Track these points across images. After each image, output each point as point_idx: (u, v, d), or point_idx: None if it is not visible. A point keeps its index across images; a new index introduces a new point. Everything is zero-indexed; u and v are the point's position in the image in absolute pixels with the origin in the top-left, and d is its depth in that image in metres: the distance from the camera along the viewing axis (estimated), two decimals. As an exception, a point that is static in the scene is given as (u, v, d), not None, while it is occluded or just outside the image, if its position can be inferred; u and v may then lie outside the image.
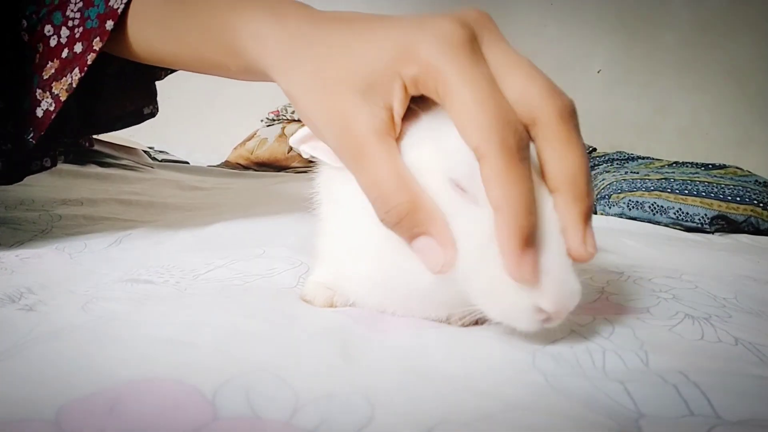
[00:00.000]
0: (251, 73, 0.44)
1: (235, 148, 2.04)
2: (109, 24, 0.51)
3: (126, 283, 0.47)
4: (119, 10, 0.50)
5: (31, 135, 0.56)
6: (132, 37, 0.51)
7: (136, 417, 0.26)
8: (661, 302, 0.48)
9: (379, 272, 0.39)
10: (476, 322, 0.42)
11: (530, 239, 0.31)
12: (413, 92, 0.34)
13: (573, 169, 0.32)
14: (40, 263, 0.53)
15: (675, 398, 0.30)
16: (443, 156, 0.34)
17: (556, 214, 0.34)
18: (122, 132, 1.51)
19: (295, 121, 2.05)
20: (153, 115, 0.72)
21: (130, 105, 0.70)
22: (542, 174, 0.34)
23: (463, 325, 0.41)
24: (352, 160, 0.35)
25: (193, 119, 2.54)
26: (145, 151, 1.69)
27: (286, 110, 2.09)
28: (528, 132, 0.32)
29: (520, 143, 0.31)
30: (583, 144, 0.34)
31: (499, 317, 0.34)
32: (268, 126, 2.09)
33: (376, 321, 0.40)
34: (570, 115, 0.33)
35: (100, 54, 0.53)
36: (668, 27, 2.30)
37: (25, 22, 0.56)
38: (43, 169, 0.65)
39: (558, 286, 0.32)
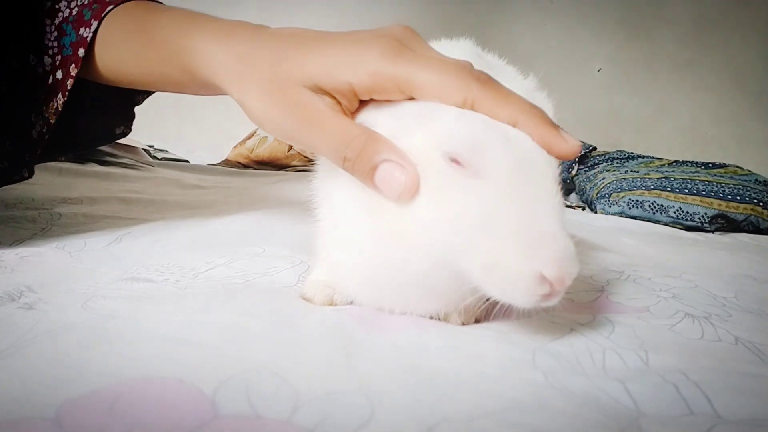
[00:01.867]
0: (208, 88, 0.49)
1: (234, 147, 2.04)
2: (81, 51, 0.56)
3: (126, 282, 0.47)
4: (88, 39, 0.55)
5: (28, 155, 0.62)
6: (101, 62, 0.56)
7: (137, 415, 0.26)
8: (661, 301, 0.48)
9: (374, 264, 0.39)
10: (476, 321, 0.42)
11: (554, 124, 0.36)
12: (364, 97, 0.38)
13: (520, 105, 0.36)
14: (40, 262, 0.53)
15: (675, 397, 0.30)
16: (437, 135, 0.35)
17: (551, 169, 0.35)
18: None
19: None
20: (125, 134, 0.77)
21: (104, 126, 0.74)
22: None
23: (463, 324, 0.41)
24: (308, 128, 0.39)
25: (192, 118, 2.54)
26: (145, 150, 1.69)
27: (286, 109, 2.08)
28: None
29: (484, 73, 0.37)
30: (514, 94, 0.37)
31: (499, 291, 0.34)
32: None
33: (376, 319, 0.40)
34: (488, 79, 0.37)
35: (81, 81, 0.58)
36: (668, 26, 2.30)
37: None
38: (22, 179, 0.68)
39: (557, 253, 0.32)
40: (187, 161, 1.91)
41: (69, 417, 0.25)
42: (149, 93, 0.70)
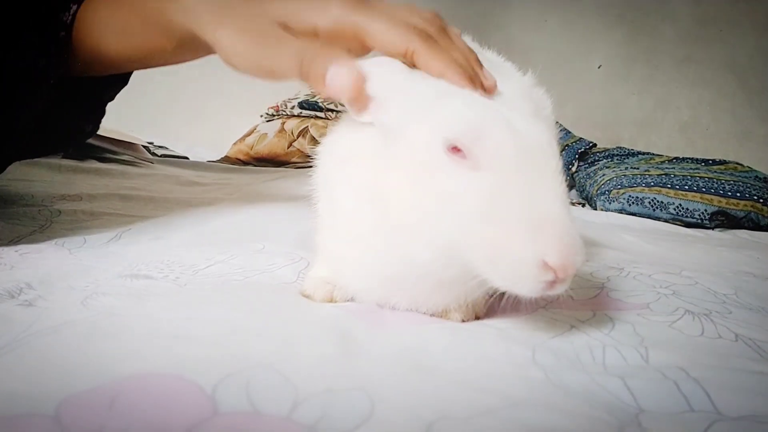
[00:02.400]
0: (187, 46, 0.53)
1: (234, 144, 2.03)
2: (62, 34, 0.56)
3: (125, 279, 0.47)
4: (68, 21, 0.56)
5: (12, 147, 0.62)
6: (80, 42, 0.57)
7: (136, 411, 0.26)
8: (661, 298, 0.48)
9: (379, 257, 0.39)
10: (476, 318, 0.42)
11: (474, 79, 0.39)
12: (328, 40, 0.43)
13: (450, 59, 0.40)
14: (39, 259, 0.53)
15: (675, 394, 0.30)
16: (439, 124, 0.35)
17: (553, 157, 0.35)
18: (122, 127, 1.50)
19: (294, 116, 2.04)
20: (93, 133, 0.76)
21: (72, 126, 0.73)
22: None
23: (463, 321, 0.41)
24: (272, 48, 0.43)
25: (192, 114, 2.53)
26: (144, 147, 1.69)
27: (286, 106, 2.08)
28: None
29: (432, 29, 0.42)
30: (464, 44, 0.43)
31: (503, 280, 0.33)
32: (267, 121, 2.08)
33: (376, 316, 0.40)
34: (445, 25, 0.45)
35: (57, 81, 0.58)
36: (668, 22, 2.30)
37: None
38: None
39: (561, 240, 0.32)
40: (187, 158, 1.91)
41: (69, 413, 0.25)
42: (121, 85, 0.71)
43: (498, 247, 0.33)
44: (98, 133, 1.35)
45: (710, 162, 1.46)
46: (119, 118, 0.78)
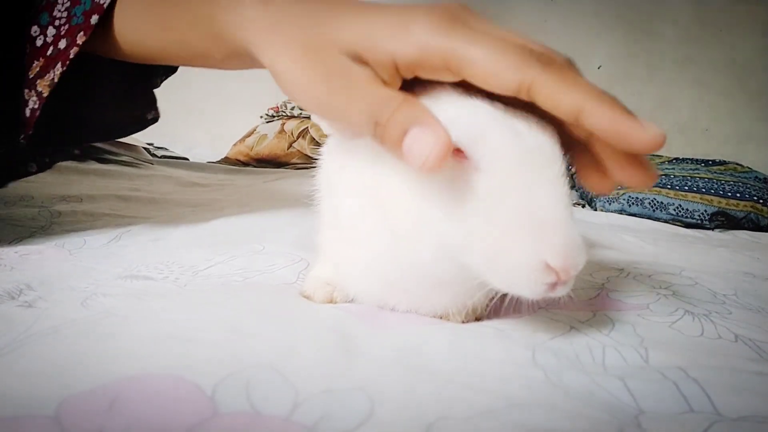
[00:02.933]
0: (236, 57, 0.45)
1: (234, 145, 2.03)
2: (94, 18, 0.51)
3: (125, 280, 0.47)
4: (105, 5, 0.51)
5: (22, 136, 0.57)
6: (118, 32, 0.52)
7: (136, 412, 0.26)
8: (661, 298, 0.48)
9: (381, 259, 0.39)
10: (477, 319, 0.42)
11: (630, 113, 0.32)
12: (407, 74, 0.35)
13: (586, 91, 0.31)
14: (39, 260, 0.53)
15: (675, 394, 0.30)
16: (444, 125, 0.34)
17: (555, 163, 0.34)
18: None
19: (294, 117, 2.04)
20: (155, 120, 0.73)
21: (132, 112, 0.70)
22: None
23: (463, 322, 0.41)
24: (341, 93, 0.35)
25: (192, 115, 2.53)
26: (144, 148, 1.69)
27: (286, 106, 2.08)
28: None
29: (552, 54, 0.33)
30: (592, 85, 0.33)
31: (504, 282, 0.33)
32: (267, 122, 2.09)
33: (375, 317, 0.40)
34: (574, 64, 0.34)
35: (98, 65, 0.54)
36: (668, 22, 2.30)
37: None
38: (27, 174, 0.65)
39: (562, 242, 0.32)
40: (187, 159, 1.91)
41: (68, 414, 0.25)
42: (166, 75, 0.67)
43: (499, 249, 0.32)
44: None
45: (710, 162, 1.46)
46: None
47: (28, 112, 0.55)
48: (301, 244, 0.60)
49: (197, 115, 2.52)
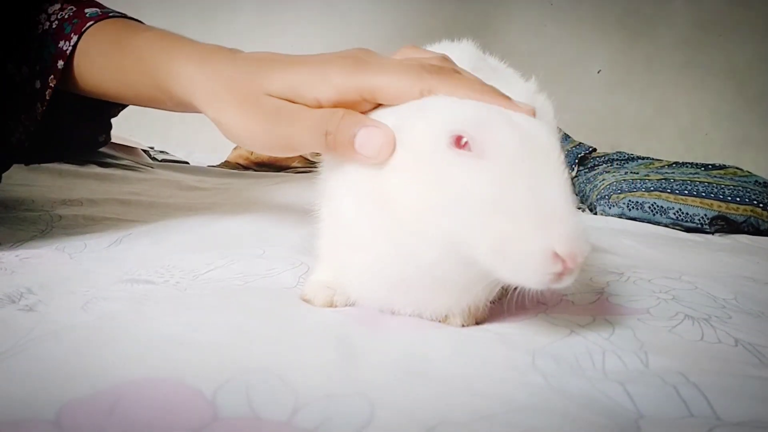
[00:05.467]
0: (183, 106, 0.52)
1: (234, 149, 2.03)
2: (60, 63, 0.58)
3: (126, 283, 0.47)
4: (68, 52, 0.58)
5: (7, 161, 0.64)
6: (79, 76, 0.59)
7: (137, 417, 0.26)
8: (661, 303, 0.48)
9: (383, 259, 0.39)
10: (477, 323, 0.42)
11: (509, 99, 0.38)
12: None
13: (472, 86, 0.38)
14: (40, 263, 0.53)
15: (675, 399, 0.30)
16: (441, 118, 0.36)
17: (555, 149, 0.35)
18: (122, 131, 1.51)
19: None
20: (105, 143, 0.78)
21: (86, 135, 0.75)
22: None
23: (463, 326, 0.41)
24: (286, 123, 0.41)
25: (193, 119, 2.53)
26: (145, 151, 1.69)
27: (286, 110, 2.08)
28: None
29: (445, 66, 0.40)
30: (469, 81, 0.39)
31: (510, 272, 0.33)
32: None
33: (376, 321, 0.40)
34: (458, 68, 0.41)
35: (59, 92, 0.59)
36: (668, 27, 2.30)
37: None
38: None
39: (569, 230, 0.32)
40: (187, 163, 1.92)
41: (69, 418, 0.25)
42: (124, 106, 0.72)
43: (505, 239, 0.32)
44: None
45: (710, 167, 1.46)
46: (119, 123, 0.78)
47: (14, 141, 0.62)
48: (302, 247, 0.60)
49: (198, 119, 2.51)
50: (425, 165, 0.35)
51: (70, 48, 0.58)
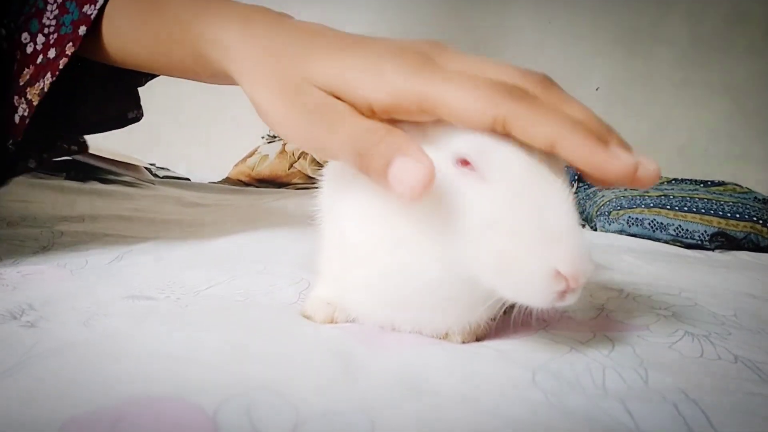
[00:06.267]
0: (219, 77, 0.46)
1: (236, 165, 2.04)
2: (82, 29, 0.52)
3: (127, 300, 0.47)
4: (92, 16, 0.52)
5: (11, 142, 0.58)
6: (107, 41, 0.53)
7: (138, 434, 0.26)
8: (661, 319, 0.48)
9: (386, 276, 0.39)
10: (477, 339, 0.42)
11: (609, 140, 0.32)
12: (383, 117, 0.35)
13: (559, 124, 0.31)
14: (41, 279, 0.53)
15: (674, 416, 0.30)
16: (451, 140, 0.35)
17: (559, 175, 0.34)
18: (123, 148, 1.52)
19: (295, 137, 2.06)
20: (138, 119, 0.73)
21: (113, 110, 0.71)
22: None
23: (463, 343, 0.41)
24: (322, 126, 0.36)
25: (194, 136, 2.55)
26: (146, 168, 1.70)
27: (287, 127, 2.09)
28: None
29: (529, 86, 0.33)
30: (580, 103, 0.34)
31: (514, 292, 0.33)
32: (269, 143, 2.10)
33: (376, 337, 0.41)
34: (551, 83, 0.35)
35: (82, 60, 0.55)
36: (666, 44, 2.32)
37: (3, 31, 0.57)
38: (28, 170, 0.66)
39: (572, 250, 0.32)
40: (189, 179, 1.92)
41: (70, 436, 0.25)
42: (153, 75, 0.67)
43: (508, 258, 0.33)
44: (100, 155, 1.36)
45: (709, 183, 1.47)
46: (121, 140, 0.78)
47: (17, 119, 0.57)
48: (303, 264, 0.60)
49: (199, 136, 2.53)
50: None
51: (95, 12, 0.52)
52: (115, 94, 0.69)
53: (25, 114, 0.56)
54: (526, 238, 0.32)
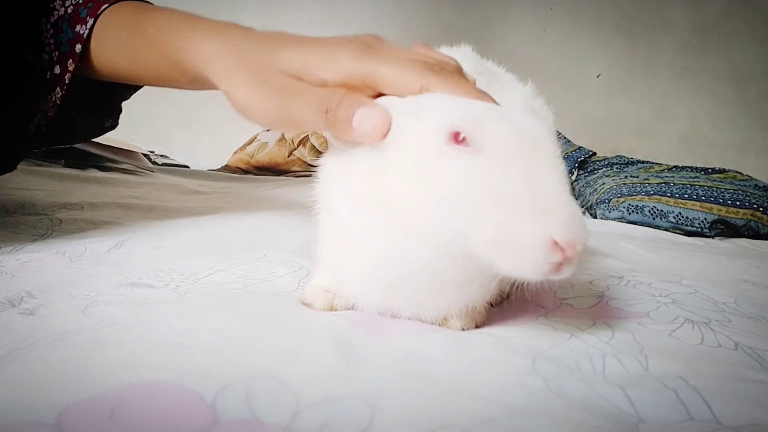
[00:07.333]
0: (198, 83, 0.53)
1: (235, 153, 2.04)
2: (78, 47, 0.59)
3: (126, 287, 0.47)
4: (84, 35, 0.59)
5: (23, 149, 0.65)
6: (96, 58, 0.60)
7: (137, 421, 0.26)
8: (661, 307, 0.48)
9: (382, 260, 0.39)
10: (476, 326, 0.42)
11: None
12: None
13: (468, 92, 0.40)
14: (40, 267, 0.53)
15: (675, 403, 0.30)
16: (437, 116, 0.36)
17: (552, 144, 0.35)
18: (122, 136, 1.51)
19: (295, 125, 2.05)
20: (113, 127, 0.78)
21: (94, 121, 0.76)
22: None
23: (463, 329, 0.41)
24: (289, 99, 0.43)
25: (193, 123, 2.54)
26: (145, 155, 1.69)
27: (287, 114, 2.08)
28: None
29: (447, 67, 0.42)
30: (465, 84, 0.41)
31: (509, 263, 0.33)
32: (268, 130, 2.09)
33: (376, 324, 0.41)
34: (460, 68, 0.43)
35: (73, 78, 0.60)
36: (668, 32, 2.31)
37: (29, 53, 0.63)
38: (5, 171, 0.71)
39: (567, 219, 0.32)
40: (188, 167, 1.92)
41: (70, 422, 0.25)
42: (137, 88, 0.73)
43: (504, 230, 0.33)
44: (99, 141, 1.36)
45: (709, 170, 1.47)
46: (120, 128, 0.78)
47: (32, 128, 0.63)
48: (302, 251, 0.60)
49: (198, 123, 2.52)
50: (422, 161, 0.36)
51: (87, 31, 0.59)
52: (100, 107, 0.74)
53: (41, 124, 0.63)
54: (520, 210, 0.32)
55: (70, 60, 0.59)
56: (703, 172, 1.46)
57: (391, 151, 0.37)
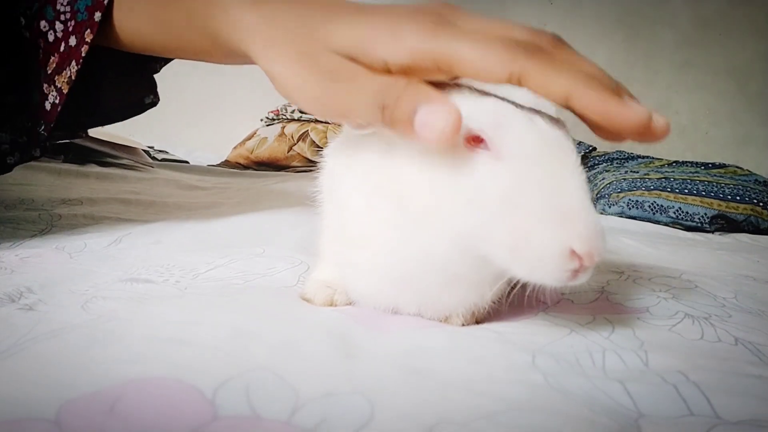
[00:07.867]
0: (233, 57, 0.46)
1: (234, 148, 2.04)
2: (97, 15, 0.53)
3: (126, 283, 0.47)
4: (105, 1, 0.53)
5: (43, 128, 0.59)
6: (119, 27, 0.54)
7: (136, 416, 0.26)
8: (661, 302, 0.48)
9: (393, 257, 0.39)
10: (477, 322, 0.42)
11: (620, 93, 0.32)
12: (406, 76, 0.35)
13: (573, 77, 0.32)
14: (39, 263, 0.53)
15: (675, 398, 0.30)
16: (466, 116, 0.33)
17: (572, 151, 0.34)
18: (122, 131, 1.51)
19: (294, 120, 2.04)
20: (154, 104, 0.73)
21: (132, 96, 0.71)
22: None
23: (464, 325, 0.41)
24: (341, 87, 0.36)
25: (193, 119, 2.54)
26: (145, 151, 1.69)
27: (286, 110, 2.08)
28: None
29: (541, 43, 0.33)
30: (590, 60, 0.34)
31: (527, 269, 0.33)
32: (267, 125, 2.09)
33: (376, 320, 0.40)
34: (562, 41, 0.35)
35: (98, 47, 0.55)
36: (668, 26, 2.30)
37: (23, 20, 0.58)
38: (33, 158, 0.66)
39: (587, 228, 0.32)
40: (187, 162, 1.91)
41: (69, 418, 0.25)
42: (167, 60, 0.68)
43: (522, 236, 0.32)
44: (98, 137, 1.36)
45: (710, 165, 1.46)
46: (119, 123, 0.78)
47: (48, 106, 0.58)
48: (302, 247, 0.60)
49: (198, 119, 2.52)
50: (442, 161, 0.35)
51: None
52: (132, 81, 0.69)
53: (57, 101, 0.57)
54: (540, 217, 0.32)
55: (88, 30, 0.53)
56: (703, 167, 1.46)
57: (405, 147, 0.36)
